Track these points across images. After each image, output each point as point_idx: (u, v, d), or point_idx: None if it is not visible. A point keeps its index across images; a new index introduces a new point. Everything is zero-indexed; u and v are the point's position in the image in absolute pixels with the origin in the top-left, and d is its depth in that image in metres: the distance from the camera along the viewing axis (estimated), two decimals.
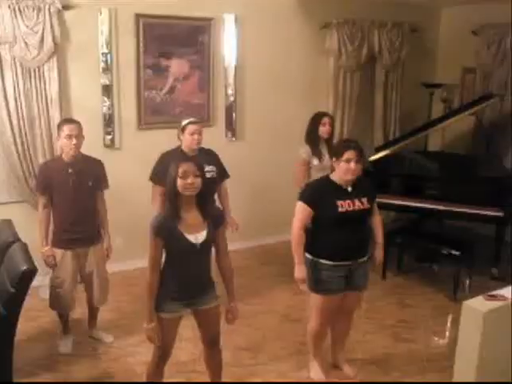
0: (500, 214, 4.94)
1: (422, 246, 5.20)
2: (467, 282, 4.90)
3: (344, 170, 3.17)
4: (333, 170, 3.30)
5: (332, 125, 4.63)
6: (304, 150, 4.58)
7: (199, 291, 2.94)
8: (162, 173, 3.93)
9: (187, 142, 4.01)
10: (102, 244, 3.91)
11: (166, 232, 2.77)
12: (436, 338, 4.23)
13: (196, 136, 3.99)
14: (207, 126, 5.41)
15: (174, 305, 2.87)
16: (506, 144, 6.03)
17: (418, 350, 4.02)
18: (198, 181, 2.76)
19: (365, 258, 3.38)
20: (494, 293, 2.91)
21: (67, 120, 3.85)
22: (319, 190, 3.29)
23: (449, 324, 4.44)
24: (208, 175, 3.82)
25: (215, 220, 2.91)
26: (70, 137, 3.62)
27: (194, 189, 2.76)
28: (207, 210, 2.88)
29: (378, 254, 3.52)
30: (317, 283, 3.31)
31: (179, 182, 2.73)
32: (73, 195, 3.68)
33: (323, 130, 4.57)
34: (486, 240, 5.29)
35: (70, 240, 3.72)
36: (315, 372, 3.63)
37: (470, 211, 5.02)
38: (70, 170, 3.67)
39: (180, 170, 2.73)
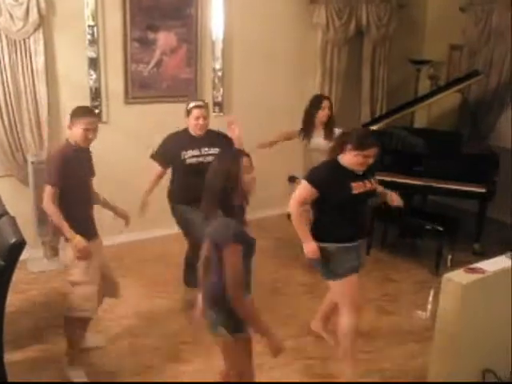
0: (482, 190, 5.03)
1: (406, 222, 5.28)
2: (449, 257, 5.00)
3: (360, 163, 3.16)
4: (340, 152, 3.22)
5: (331, 108, 4.69)
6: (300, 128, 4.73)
7: None
8: (165, 154, 3.99)
9: (191, 126, 3.96)
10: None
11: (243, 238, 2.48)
12: (419, 312, 4.33)
13: (201, 121, 3.93)
14: (194, 100, 5.39)
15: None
16: (491, 121, 6.09)
17: (401, 323, 4.13)
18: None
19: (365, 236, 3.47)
20: (473, 266, 2.99)
21: (90, 112, 3.48)
22: (330, 174, 3.23)
23: (431, 298, 4.54)
24: (208, 158, 3.84)
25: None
26: (89, 130, 3.29)
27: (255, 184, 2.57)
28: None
29: (394, 195, 3.50)
30: (338, 267, 3.25)
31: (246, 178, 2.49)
32: (83, 190, 3.42)
33: (322, 114, 4.62)
34: (468, 216, 5.39)
35: (90, 230, 3.45)
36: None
37: (453, 187, 5.11)
38: (79, 164, 3.37)
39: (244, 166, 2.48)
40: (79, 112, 3.34)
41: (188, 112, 3.96)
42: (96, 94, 4.94)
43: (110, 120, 5.07)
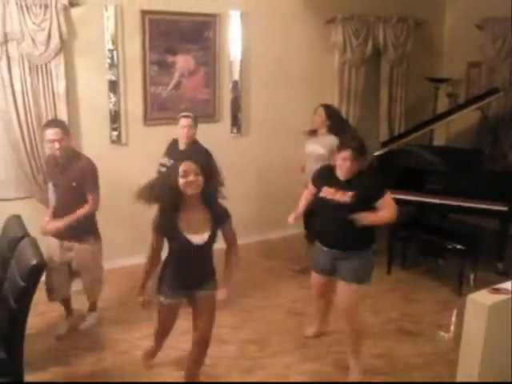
0: (504, 208, 4.95)
1: (427, 241, 5.21)
2: (472, 276, 4.92)
3: (339, 166, 3.36)
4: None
5: (324, 116, 4.75)
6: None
7: (198, 282, 3.04)
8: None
9: (179, 135, 4.28)
10: (90, 244, 3.94)
11: (167, 231, 2.88)
12: (441, 332, 4.24)
13: (186, 129, 4.21)
14: (213, 121, 5.45)
15: (172, 292, 3.02)
16: (510, 139, 6.02)
17: (424, 344, 4.05)
18: (200, 179, 2.80)
19: (351, 251, 3.42)
20: (498, 286, 2.93)
21: (49, 124, 3.83)
22: (319, 173, 3.59)
23: (454, 318, 4.45)
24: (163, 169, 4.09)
25: (219, 219, 2.96)
26: (52, 141, 3.66)
27: (195, 187, 2.80)
28: (213, 209, 2.93)
29: (366, 214, 3.30)
30: (312, 260, 3.75)
31: (180, 180, 2.78)
32: (58, 193, 3.83)
33: (313, 120, 4.82)
34: (490, 235, 5.30)
35: (59, 232, 3.85)
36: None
37: (475, 205, 5.04)
38: (55, 170, 3.81)
39: (180, 169, 2.78)
40: (44, 126, 3.85)
41: (178, 121, 4.29)
42: (116, 116, 4.99)
43: (130, 142, 5.12)
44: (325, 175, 3.51)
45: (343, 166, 3.30)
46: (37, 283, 3.01)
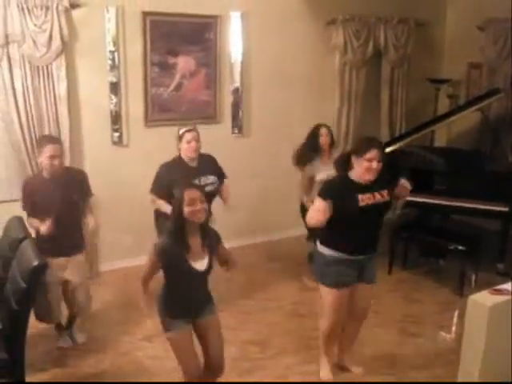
0: (505, 209, 4.95)
1: (428, 241, 5.21)
2: (473, 277, 4.92)
3: (365, 169, 3.17)
4: (350, 168, 3.27)
5: (330, 135, 4.70)
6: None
7: (199, 308, 2.95)
8: (163, 186, 3.88)
9: (185, 150, 3.98)
10: (84, 254, 3.87)
11: (171, 259, 2.76)
12: (443, 333, 4.24)
13: (193, 143, 3.95)
14: (214, 122, 5.45)
15: (178, 322, 2.86)
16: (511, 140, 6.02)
17: (425, 345, 4.05)
18: (205, 206, 2.75)
19: (374, 252, 3.43)
20: (499, 287, 2.93)
21: (49, 139, 3.73)
22: (341, 186, 3.28)
23: (455, 319, 4.46)
24: (209, 188, 3.87)
25: (213, 243, 2.91)
26: (53, 157, 3.53)
27: (201, 216, 2.74)
28: (208, 235, 2.87)
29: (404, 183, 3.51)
30: (331, 278, 3.31)
31: (187, 209, 2.69)
32: (56, 211, 3.56)
33: (323, 141, 4.64)
34: (491, 235, 5.30)
35: (53, 250, 3.62)
36: (325, 372, 3.62)
37: (476, 206, 5.03)
38: (51, 187, 3.60)
39: (186, 198, 2.69)
40: (42, 141, 3.67)
41: (180, 137, 3.98)
42: (117, 117, 5.00)
43: (131, 143, 5.13)
44: (343, 186, 3.26)
45: (370, 167, 3.15)
46: (38, 284, 3.01)
